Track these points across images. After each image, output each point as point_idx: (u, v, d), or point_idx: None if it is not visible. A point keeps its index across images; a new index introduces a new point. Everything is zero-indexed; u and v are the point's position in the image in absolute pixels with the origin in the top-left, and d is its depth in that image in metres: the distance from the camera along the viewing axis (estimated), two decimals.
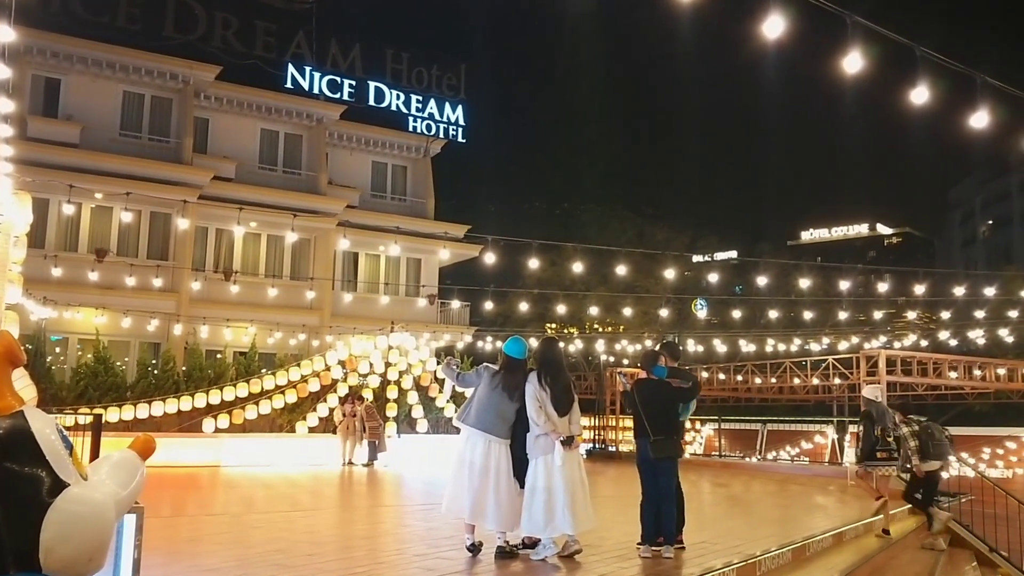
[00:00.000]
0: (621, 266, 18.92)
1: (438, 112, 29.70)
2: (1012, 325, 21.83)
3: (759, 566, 6.77)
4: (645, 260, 28.22)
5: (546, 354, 6.75)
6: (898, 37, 4.82)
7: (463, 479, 6.34)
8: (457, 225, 28.00)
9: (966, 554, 11.85)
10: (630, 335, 30.23)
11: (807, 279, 23.22)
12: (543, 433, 6.32)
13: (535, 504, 6.22)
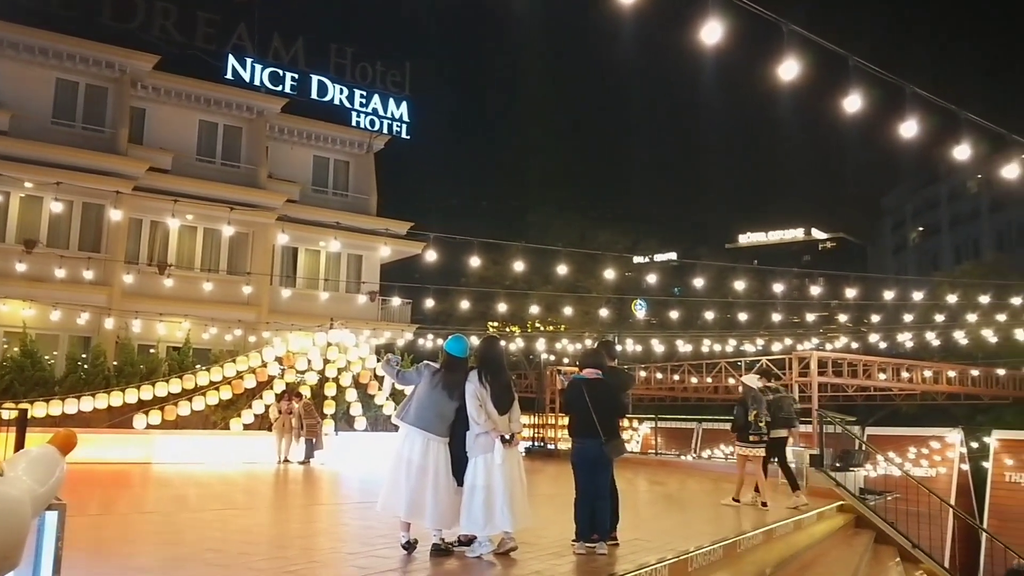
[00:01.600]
0: (563, 266, 19.05)
1: (382, 108, 29.50)
2: (938, 329, 22.57)
3: (691, 562, 6.88)
4: (587, 261, 28.42)
5: (487, 353, 6.76)
6: (832, 46, 4.95)
7: (401, 477, 6.31)
8: (399, 222, 27.85)
9: (890, 550, 12.23)
10: (571, 334, 30.43)
11: (744, 281, 23.65)
12: (483, 432, 6.33)
13: (474, 502, 6.22)
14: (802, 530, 10.52)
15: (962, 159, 6.53)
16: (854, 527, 12.69)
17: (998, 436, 21.88)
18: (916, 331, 22.69)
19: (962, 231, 67.49)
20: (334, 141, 29.62)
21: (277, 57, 27.17)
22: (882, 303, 23.11)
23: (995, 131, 6.45)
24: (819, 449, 14.85)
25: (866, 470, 16.22)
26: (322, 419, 18.22)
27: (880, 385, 21.01)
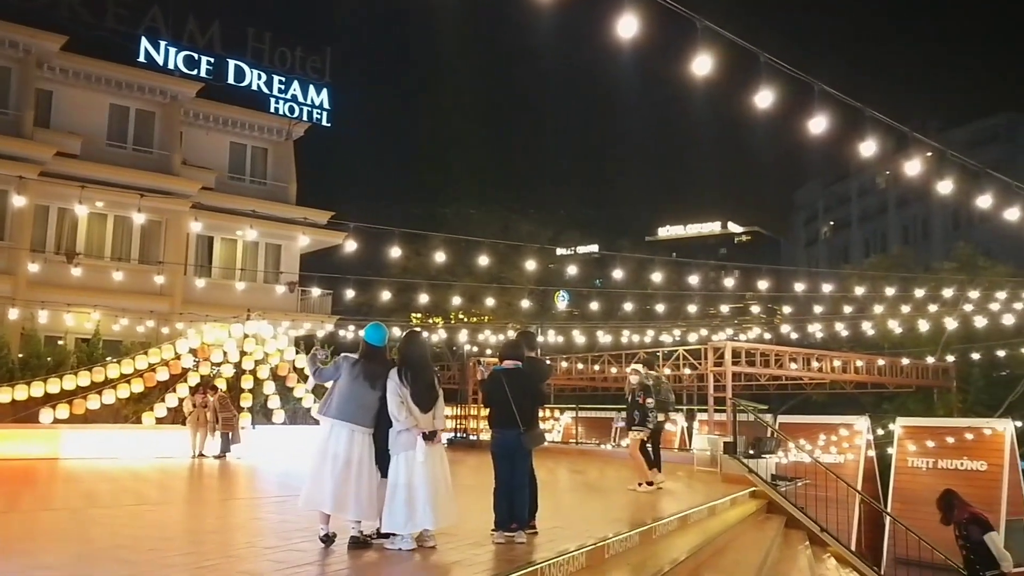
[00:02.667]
0: (486, 257, 19.06)
1: (302, 94, 29.01)
2: (847, 320, 23.42)
3: (608, 549, 7.00)
4: (510, 252, 28.52)
5: (408, 348, 6.68)
6: (743, 43, 5.08)
7: (326, 471, 6.22)
8: (319, 211, 27.44)
9: (800, 534, 12.64)
10: (493, 325, 30.50)
11: (662, 273, 24.09)
12: (405, 429, 6.29)
13: (396, 500, 6.18)
14: (716, 516, 10.80)
15: (868, 155, 6.79)
16: (766, 512, 13.08)
17: (902, 423, 22.80)
18: (826, 322, 23.49)
19: (871, 225, 70.16)
20: (252, 127, 29.01)
21: (192, 40, 26.43)
22: (794, 295, 23.88)
23: (899, 129, 6.73)
24: (733, 437, 15.23)
25: (778, 457, 16.72)
26: (238, 412, 17.86)
27: (792, 375, 21.68)
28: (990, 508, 19.73)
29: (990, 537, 9.49)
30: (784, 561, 10.32)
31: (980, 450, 20.66)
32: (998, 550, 9.41)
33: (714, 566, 8.50)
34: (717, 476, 14.40)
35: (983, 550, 9.57)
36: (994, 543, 9.47)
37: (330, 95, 29.55)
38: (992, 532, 9.56)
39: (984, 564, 9.62)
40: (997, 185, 9.56)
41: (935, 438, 21.45)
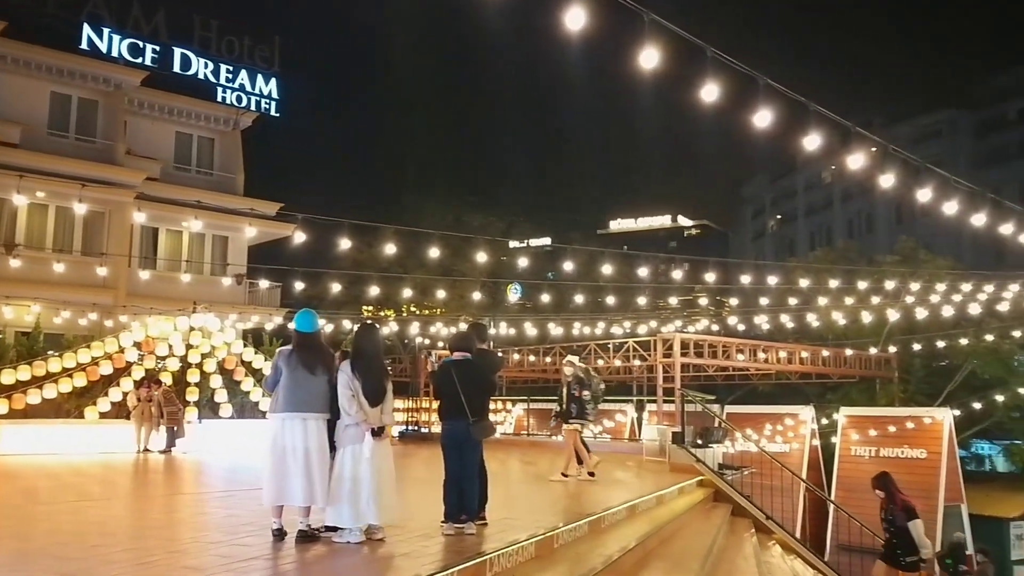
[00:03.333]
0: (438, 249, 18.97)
1: (250, 84, 28.58)
2: (793, 312, 23.84)
3: (557, 539, 7.05)
4: (462, 244, 28.45)
5: (361, 342, 6.63)
6: (690, 36, 5.13)
7: (288, 465, 6.14)
8: (268, 202, 27.07)
9: (746, 522, 12.86)
10: (445, 318, 30.44)
11: (614, 266, 24.24)
12: (353, 423, 6.25)
13: (341, 493, 6.15)
14: (664, 505, 10.94)
15: (812, 149, 6.91)
16: (713, 501, 13.28)
17: (845, 413, 23.31)
18: (772, 314, 23.88)
19: (816, 219, 71.51)
20: (198, 117, 28.49)
21: (137, 28, 25.85)
22: (742, 287, 24.24)
23: (842, 124, 6.86)
24: (681, 427, 15.43)
25: (725, 446, 16.96)
26: (184, 407, 17.57)
27: (739, 365, 22.00)
28: (929, 495, 20.33)
29: (914, 524, 9.79)
30: (730, 548, 10.49)
31: (920, 438, 21.22)
32: (920, 537, 9.71)
33: (662, 554, 8.61)
34: (666, 466, 14.57)
35: (906, 536, 9.86)
36: (917, 531, 9.77)
37: (279, 85, 29.15)
38: (917, 520, 9.85)
39: (905, 550, 9.91)
40: (938, 180, 9.81)
41: (877, 427, 21.98)
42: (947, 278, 22.35)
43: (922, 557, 9.84)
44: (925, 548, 9.76)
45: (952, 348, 26.05)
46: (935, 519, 20.00)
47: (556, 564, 6.56)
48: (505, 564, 5.96)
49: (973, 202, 10.53)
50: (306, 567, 5.59)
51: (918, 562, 9.92)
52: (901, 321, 25.24)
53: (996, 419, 26.24)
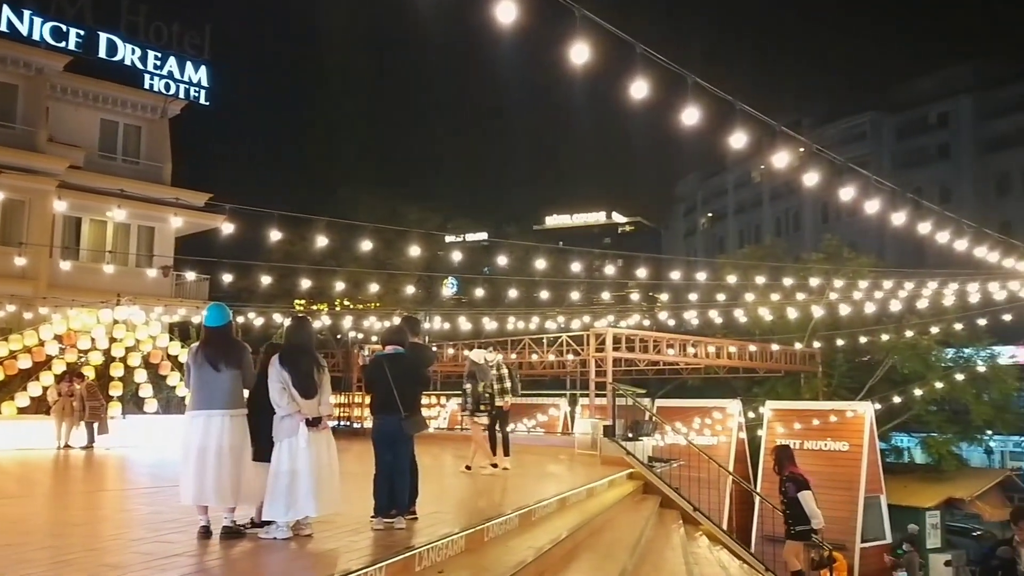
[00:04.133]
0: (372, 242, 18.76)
1: (179, 71, 27.87)
2: (721, 308, 24.32)
3: (487, 532, 7.07)
4: (397, 238, 28.22)
5: (290, 335, 6.58)
6: (620, 32, 5.18)
7: (200, 465, 6.01)
8: (196, 192, 26.44)
9: (674, 514, 13.10)
10: (380, 312, 30.18)
11: (549, 261, 24.38)
12: (287, 414, 6.16)
13: (277, 487, 6.04)
14: (594, 497, 11.07)
15: (739, 148, 7.05)
16: (642, 493, 13.49)
17: (771, 406, 23.89)
18: (701, 309, 24.32)
19: (746, 217, 73.01)
20: (124, 104, 27.68)
21: (60, 11, 24.95)
22: (672, 283, 24.63)
23: (769, 123, 7.02)
24: (612, 420, 15.62)
25: (655, 440, 17.23)
26: (107, 401, 17.07)
27: (669, 360, 22.37)
28: (850, 486, 20.99)
29: (804, 496, 10.09)
30: (658, 540, 10.67)
31: (843, 431, 21.88)
32: (810, 508, 10.01)
33: (591, 545, 8.70)
34: (597, 459, 14.74)
35: (797, 507, 10.17)
36: (807, 502, 10.06)
37: (209, 73, 28.48)
38: (807, 492, 10.14)
39: (796, 519, 10.23)
40: (861, 181, 10.10)
41: (802, 420, 22.58)
42: (869, 276, 23.04)
43: (813, 527, 10.14)
44: (816, 518, 10.08)
45: (873, 344, 26.90)
46: (856, 509, 20.68)
47: (486, 557, 6.58)
48: (435, 558, 5.96)
49: (894, 202, 10.88)
50: (230, 564, 5.50)
51: (809, 531, 10.23)
52: (825, 317, 25.97)
53: (914, 412, 27.22)
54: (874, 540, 21.02)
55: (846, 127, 62.72)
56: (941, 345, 27.10)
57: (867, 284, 21.57)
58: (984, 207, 52.33)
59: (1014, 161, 54.59)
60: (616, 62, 5.92)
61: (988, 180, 56.07)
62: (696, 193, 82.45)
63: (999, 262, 14.05)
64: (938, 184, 57.09)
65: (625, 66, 5.74)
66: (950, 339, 26.55)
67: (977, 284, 17.96)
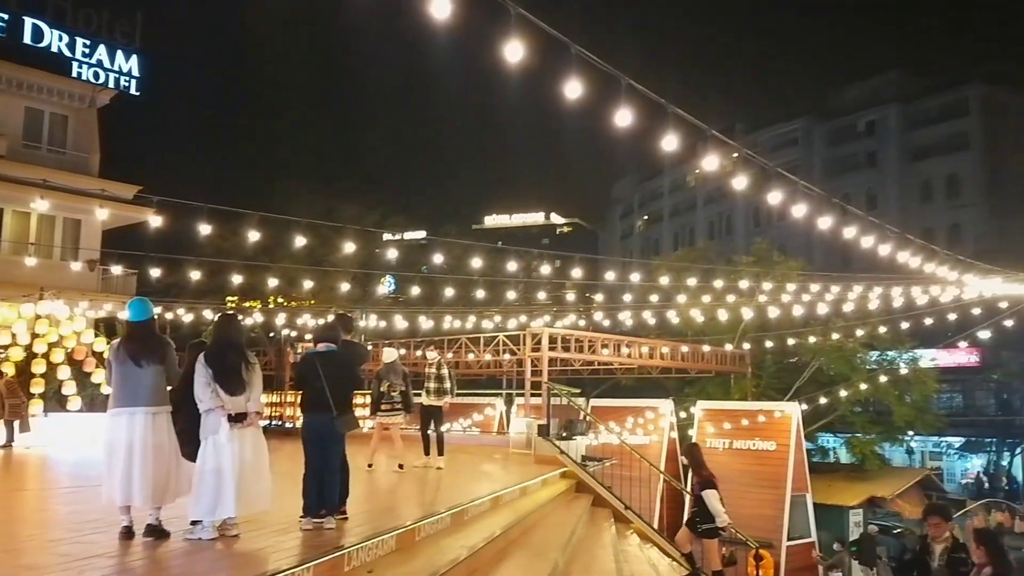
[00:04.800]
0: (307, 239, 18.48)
1: (108, 60, 27.12)
2: (654, 309, 24.66)
3: (419, 531, 7.05)
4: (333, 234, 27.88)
5: (216, 331, 6.49)
6: (555, 32, 5.21)
7: (126, 464, 5.85)
8: (125, 184, 25.70)
9: (606, 512, 13.22)
10: (314, 310, 29.78)
11: (487, 261, 24.38)
12: (210, 410, 6.04)
13: (203, 486, 5.92)
14: (527, 496, 11.12)
15: (670, 151, 7.16)
16: (575, 491, 13.59)
17: (702, 406, 24.32)
18: (635, 310, 24.63)
19: (681, 220, 74.19)
20: (50, 92, 26.79)
21: None
22: (608, 284, 24.89)
23: (700, 127, 7.14)
24: (547, 420, 15.71)
25: (589, 439, 17.39)
26: (28, 399, 16.50)
27: (604, 360, 22.59)
28: (777, 485, 21.49)
29: (708, 494, 10.27)
30: (589, 538, 10.76)
31: (771, 431, 22.39)
32: (713, 506, 10.19)
33: (523, 544, 8.74)
34: (531, 458, 14.80)
35: (703, 504, 10.36)
36: (710, 500, 10.24)
37: (140, 63, 27.76)
38: (712, 490, 10.32)
39: (702, 518, 10.43)
40: (790, 186, 10.33)
41: (731, 420, 23.04)
42: (797, 279, 23.62)
43: (718, 525, 10.32)
44: (720, 516, 10.24)
45: (801, 346, 27.59)
46: (783, 508, 21.18)
47: (417, 556, 6.56)
48: (364, 558, 5.92)
49: (821, 207, 11.16)
50: (153, 564, 5.38)
51: (715, 530, 10.42)
52: (755, 319, 26.54)
53: (839, 413, 28.00)
54: (800, 538, 21.56)
55: (778, 133, 64.21)
56: (865, 348, 27.90)
57: (795, 287, 22.11)
58: (908, 214, 54.15)
59: (936, 170, 56.58)
60: (552, 62, 5.96)
61: (912, 188, 57.99)
62: (633, 196, 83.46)
63: (921, 267, 14.52)
64: (865, 190, 58.84)
65: (560, 66, 5.78)
66: (874, 342, 27.34)
67: (900, 289, 18.53)
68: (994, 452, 45.21)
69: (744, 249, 41.65)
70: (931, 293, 18.06)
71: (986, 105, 54.85)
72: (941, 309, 20.05)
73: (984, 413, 44.38)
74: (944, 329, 24.26)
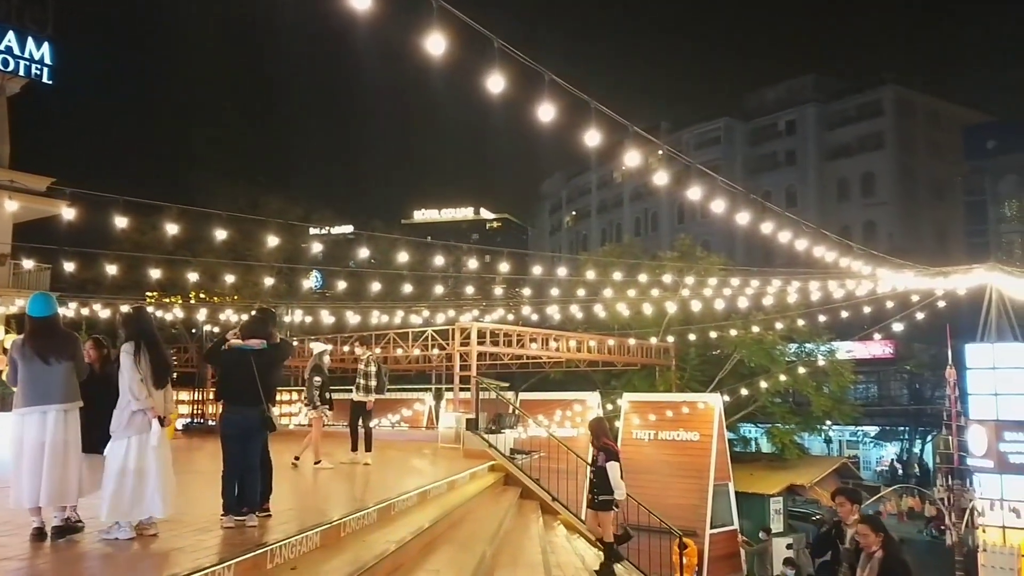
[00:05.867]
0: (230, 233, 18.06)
1: (18, 47, 26.05)
2: (582, 303, 24.89)
3: (344, 527, 7.00)
4: (256, 228, 27.34)
5: (141, 321, 6.28)
6: (477, 26, 5.22)
7: (32, 465, 5.66)
8: (37, 176, 24.77)
9: (533, 504, 13.35)
10: (237, 305, 29.19)
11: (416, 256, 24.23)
12: (140, 409, 5.87)
13: (124, 486, 5.75)
14: (455, 490, 11.14)
15: (593, 147, 7.24)
16: (503, 485, 13.67)
17: (628, 399, 24.63)
18: (563, 305, 24.81)
19: (608, 216, 75.12)
20: None
21: None
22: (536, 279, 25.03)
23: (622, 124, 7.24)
24: (475, 414, 15.75)
25: (517, 432, 17.47)
26: None
27: (532, 354, 22.70)
28: (700, 474, 21.91)
29: (611, 466, 10.41)
30: (517, 530, 10.85)
31: (694, 422, 22.80)
32: (615, 479, 10.35)
33: (450, 538, 8.76)
34: (460, 452, 14.82)
35: (604, 476, 10.51)
36: (613, 472, 10.38)
37: (53, 51, 26.73)
38: (614, 463, 10.46)
39: (600, 489, 10.58)
40: (712, 184, 10.56)
41: (656, 412, 23.40)
42: (719, 274, 24.12)
43: (615, 498, 10.43)
44: (619, 490, 10.37)
45: (723, 339, 28.19)
46: (706, 497, 21.62)
47: (343, 552, 6.51)
48: (288, 555, 5.86)
49: (739, 204, 11.44)
50: (72, 566, 5.22)
51: (610, 502, 10.56)
52: (679, 313, 27.01)
53: (760, 404, 28.71)
54: (722, 526, 22.05)
55: (701, 132, 65.52)
56: (785, 340, 28.64)
57: (717, 282, 22.59)
58: (826, 211, 55.93)
59: (853, 169, 58.52)
60: (476, 57, 5.97)
61: (830, 186, 59.87)
62: (561, 192, 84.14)
63: (837, 262, 15.01)
64: (785, 188, 60.49)
65: (484, 61, 5.80)
66: (793, 335, 28.08)
67: (817, 283, 19.11)
68: (907, 440, 47.06)
69: (668, 245, 42.36)
70: (847, 287, 18.67)
71: (899, 106, 56.94)
72: (857, 303, 20.72)
73: (897, 403, 46.17)
74: (860, 322, 25.11)
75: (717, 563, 21.51)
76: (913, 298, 20.45)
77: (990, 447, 17.69)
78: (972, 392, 18.60)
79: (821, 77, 61.81)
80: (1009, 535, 17.24)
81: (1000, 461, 17.53)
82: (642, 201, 69.48)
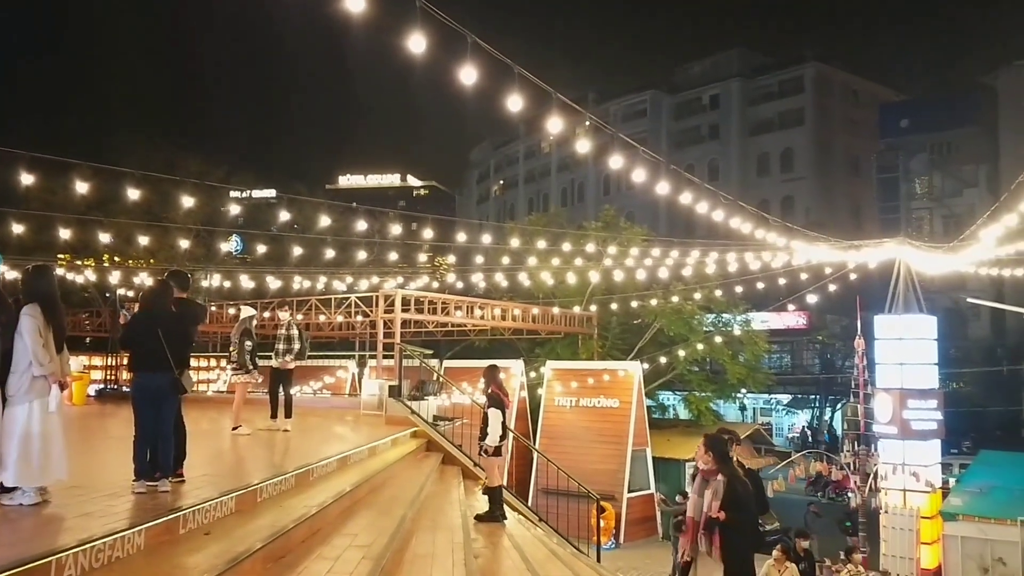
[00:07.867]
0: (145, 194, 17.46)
1: None
2: (506, 271, 24.99)
3: (260, 492, 6.95)
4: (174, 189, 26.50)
5: (43, 284, 6.04)
6: None
7: None
8: None
9: (455, 470, 13.46)
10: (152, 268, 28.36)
11: (340, 221, 23.90)
12: (42, 374, 5.69)
13: (31, 451, 5.58)
14: (376, 456, 11.14)
15: (515, 112, 7.24)
16: (425, 451, 13.73)
17: (552, 366, 24.98)
18: (488, 273, 24.89)
19: (535, 186, 75.32)
20: None
21: None
22: (462, 246, 25.01)
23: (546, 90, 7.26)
24: (398, 381, 15.75)
25: (441, 399, 17.52)
26: None
27: (457, 322, 22.74)
28: (620, 440, 22.44)
29: (492, 412, 10.54)
30: (437, 495, 10.93)
31: (615, 389, 23.29)
32: (492, 426, 10.49)
33: (369, 502, 8.78)
34: (382, 419, 14.80)
35: (486, 422, 10.68)
36: (492, 418, 10.50)
37: None
38: (495, 410, 10.57)
39: (482, 433, 10.75)
40: (636, 155, 10.68)
41: (578, 379, 23.80)
42: (641, 244, 24.50)
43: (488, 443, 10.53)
44: (492, 436, 10.47)
45: (644, 308, 28.70)
46: (625, 462, 22.16)
47: (259, 517, 6.46)
48: (201, 520, 5.79)
49: (663, 176, 11.61)
50: None
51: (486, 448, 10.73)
52: (601, 283, 27.38)
53: (678, 372, 29.41)
54: (640, 490, 22.65)
55: (628, 104, 66.02)
56: (703, 310, 29.32)
57: (639, 252, 22.94)
58: (747, 185, 57.17)
59: (773, 144, 59.86)
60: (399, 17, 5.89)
61: (751, 160, 61.16)
62: (489, 160, 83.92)
63: (753, 235, 15.41)
64: (708, 162, 61.57)
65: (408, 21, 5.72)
66: (711, 305, 28.76)
67: (735, 255, 19.58)
68: (817, 408, 48.87)
69: (594, 216, 42.76)
70: (763, 259, 19.19)
71: (819, 83, 58.35)
72: (772, 274, 21.32)
73: (809, 372, 47.83)
74: (775, 293, 25.86)
75: (634, 526, 22.13)
76: (826, 270, 21.16)
77: (895, 414, 18.54)
78: (879, 362, 19.42)
79: (746, 52, 62.84)
80: (909, 497, 18.16)
81: (903, 427, 18.40)
82: (569, 172, 69.86)
